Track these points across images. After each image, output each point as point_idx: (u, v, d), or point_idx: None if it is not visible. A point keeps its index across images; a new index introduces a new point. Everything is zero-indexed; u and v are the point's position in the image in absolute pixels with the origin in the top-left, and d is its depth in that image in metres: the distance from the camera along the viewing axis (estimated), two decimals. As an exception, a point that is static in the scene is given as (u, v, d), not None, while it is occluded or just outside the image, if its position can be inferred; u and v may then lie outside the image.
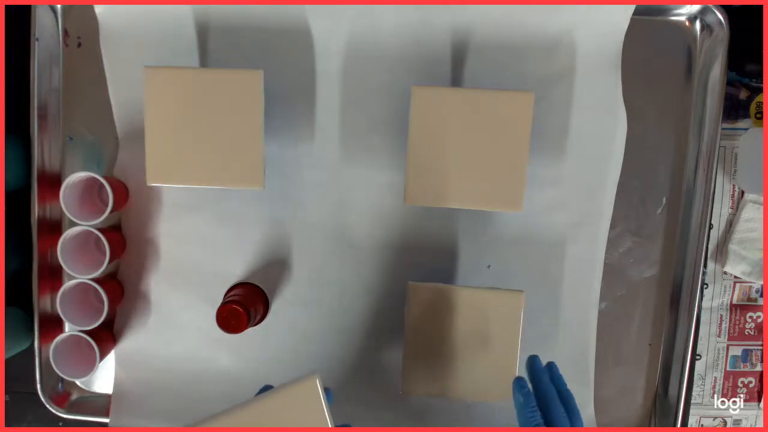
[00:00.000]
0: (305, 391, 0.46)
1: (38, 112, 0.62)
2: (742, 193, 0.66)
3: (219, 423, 0.46)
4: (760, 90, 0.65)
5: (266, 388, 0.50)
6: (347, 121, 0.62)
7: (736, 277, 0.67)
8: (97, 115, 0.64)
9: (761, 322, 0.68)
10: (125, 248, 0.65)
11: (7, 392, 0.69)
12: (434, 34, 0.61)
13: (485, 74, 0.61)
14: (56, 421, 0.67)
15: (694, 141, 0.63)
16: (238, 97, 0.54)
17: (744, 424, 0.70)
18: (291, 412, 0.46)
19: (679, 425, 0.65)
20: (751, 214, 0.66)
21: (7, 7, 0.62)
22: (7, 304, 0.65)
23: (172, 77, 0.55)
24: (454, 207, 0.56)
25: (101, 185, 0.61)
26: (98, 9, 0.61)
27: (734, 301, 0.68)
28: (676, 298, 0.65)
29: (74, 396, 0.68)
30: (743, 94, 0.65)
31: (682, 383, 0.64)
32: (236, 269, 0.64)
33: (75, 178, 0.59)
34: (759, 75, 0.64)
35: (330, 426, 0.46)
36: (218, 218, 0.64)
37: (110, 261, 0.60)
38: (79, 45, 0.64)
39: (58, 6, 0.63)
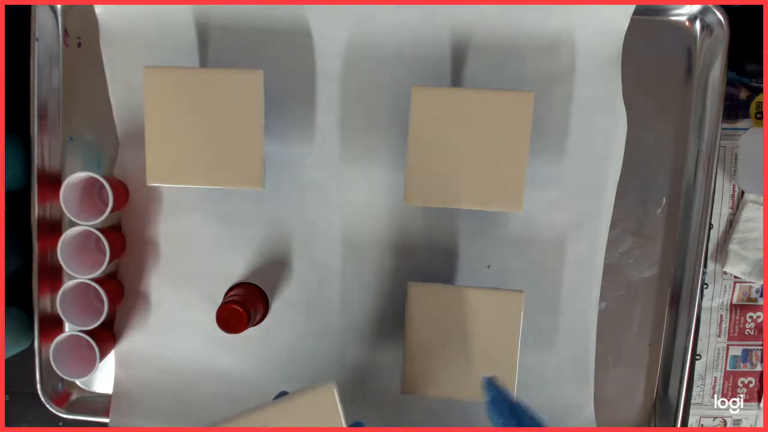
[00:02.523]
0: (321, 398, 0.46)
1: (38, 112, 0.62)
2: (742, 193, 0.66)
3: (232, 425, 0.46)
4: (760, 90, 0.65)
5: (282, 394, 0.50)
6: (347, 121, 0.62)
7: (736, 277, 0.67)
8: (97, 115, 0.64)
9: (761, 322, 0.68)
10: (125, 248, 0.65)
11: (7, 392, 0.69)
12: (434, 34, 0.61)
13: (485, 74, 0.61)
14: (56, 421, 0.67)
15: (694, 141, 0.63)
16: (238, 97, 0.54)
17: (744, 424, 0.70)
18: (306, 418, 0.46)
19: (679, 425, 0.65)
20: (751, 214, 0.66)
21: (7, 7, 0.61)
22: (7, 304, 0.65)
23: (172, 77, 0.55)
24: (454, 207, 0.56)
25: (101, 185, 0.61)
26: (98, 9, 0.61)
27: (734, 301, 0.68)
28: (676, 298, 0.65)
29: (74, 396, 0.68)
30: (743, 94, 0.65)
31: (682, 383, 0.64)
32: (236, 269, 0.64)
33: (75, 178, 0.59)
34: (759, 75, 0.64)
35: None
36: (218, 218, 0.64)
37: (110, 261, 0.60)
38: (79, 45, 0.64)
39: (58, 6, 0.63)
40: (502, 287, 0.57)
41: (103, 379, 0.68)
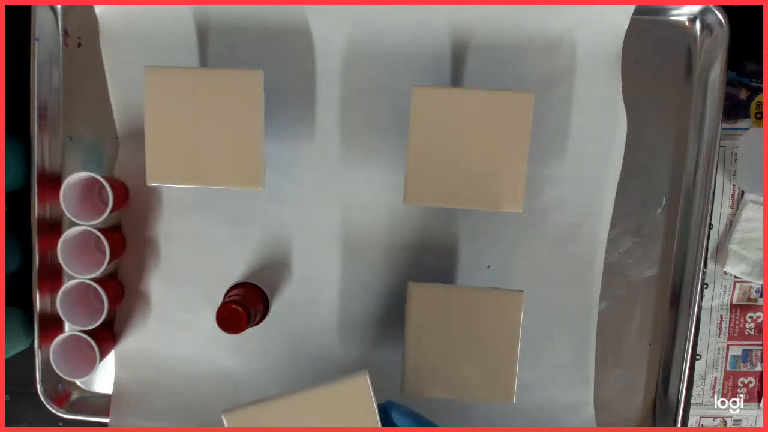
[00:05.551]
0: (355, 386, 0.48)
1: (38, 112, 0.62)
2: (742, 193, 0.66)
3: (267, 407, 0.47)
4: (760, 90, 0.65)
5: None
6: (347, 121, 0.62)
7: (736, 277, 0.67)
8: (97, 115, 0.64)
9: (761, 322, 0.68)
10: (125, 248, 0.65)
11: (7, 392, 0.69)
12: (434, 33, 0.61)
13: (485, 74, 0.61)
14: (56, 421, 0.67)
15: (694, 141, 0.63)
16: (238, 97, 0.54)
17: (744, 424, 0.70)
18: (339, 405, 0.48)
19: (679, 425, 0.65)
20: (751, 214, 0.66)
21: (7, 7, 0.61)
22: (7, 304, 0.65)
23: (172, 77, 0.55)
24: (454, 207, 0.56)
25: (101, 185, 0.61)
26: (98, 9, 0.61)
27: (734, 301, 0.68)
28: (676, 298, 0.65)
29: (74, 396, 0.68)
30: (743, 94, 0.65)
31: (682, 383, 0.64)
32: (236, 269, 0.64)
33: (75, 178, 0.59)
34: (759, 75, 0.64)
35: (378, 426, 0.48)
36: (218, 218, 0.64)
37: (110, 261, 0.60)
38: (79, 45, 0.64)
39: (58, 6, 0.63)
40: (502, 287, 0.57)
41: (103, 379, 0.68)
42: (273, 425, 0.47)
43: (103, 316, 0.60)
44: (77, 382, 0.68)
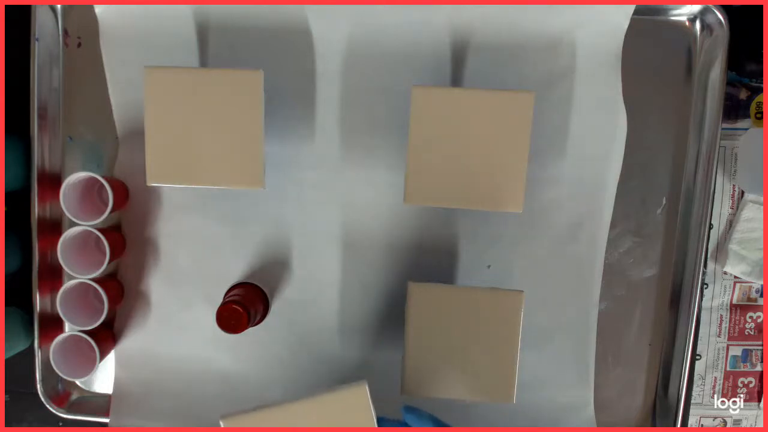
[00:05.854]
0: (354, 396, 0.48)
1: (38, 112, 0.62)
2: (742, 193, 0.66)
3: (265, 414, 0.48)
4: (760, 90, 0.65)
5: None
6: (347, 121, 0.62)
7: (736, 277, 0.67)
8: (97, 115, 0.64)
9: (761, 322, 0.68)
10: (125, 248, 0.65)
11: (7, 392, 0.69)
12: (434, 34, 0.61)
13: (485, 74, 0.61)
14: (56, 421, 0.67)
15: (694, 141, 0.63)
16: (238, 97, 0.54)
17: (744, 424, 0.70)
18: (338, 414, 0.48)
19: (679, 425, 0.65)
20: (751, 214, 0.66)
21: (7, 7, 0.61)
22: (7, 304, 0.65)
23: (172, 77, 0.55)
24: (454, 207, 0.56)
25: (101, 185, 0.61)
26: (98, 9, 0.61)
27: (734, 301, 0.68)
28: (676, 298, 0.65)
29: (74, 396, 0.68)
30: (743, 94, 0.65)
31: (682, 383, 0.64)
32: (236, 269, 0.64)
33: (75, 178, 0.59)
34: (759, 75, 0.64)
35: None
36: (218, 218, 0.64)
37: (110, 261, 0.60)
38: (79, 45, 0.64)
39: (58, 6, 0.63)
40: (502, 287, 0.57)
41: (103, 379, 0.68)
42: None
43: (103, 316, 0.60)
44: (77, 382, 0.68)
